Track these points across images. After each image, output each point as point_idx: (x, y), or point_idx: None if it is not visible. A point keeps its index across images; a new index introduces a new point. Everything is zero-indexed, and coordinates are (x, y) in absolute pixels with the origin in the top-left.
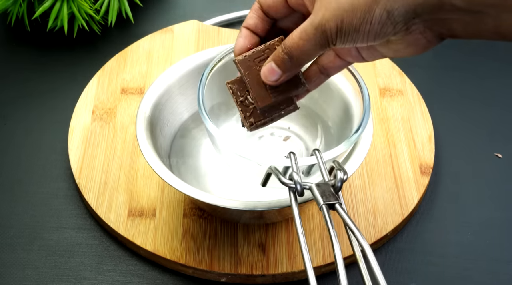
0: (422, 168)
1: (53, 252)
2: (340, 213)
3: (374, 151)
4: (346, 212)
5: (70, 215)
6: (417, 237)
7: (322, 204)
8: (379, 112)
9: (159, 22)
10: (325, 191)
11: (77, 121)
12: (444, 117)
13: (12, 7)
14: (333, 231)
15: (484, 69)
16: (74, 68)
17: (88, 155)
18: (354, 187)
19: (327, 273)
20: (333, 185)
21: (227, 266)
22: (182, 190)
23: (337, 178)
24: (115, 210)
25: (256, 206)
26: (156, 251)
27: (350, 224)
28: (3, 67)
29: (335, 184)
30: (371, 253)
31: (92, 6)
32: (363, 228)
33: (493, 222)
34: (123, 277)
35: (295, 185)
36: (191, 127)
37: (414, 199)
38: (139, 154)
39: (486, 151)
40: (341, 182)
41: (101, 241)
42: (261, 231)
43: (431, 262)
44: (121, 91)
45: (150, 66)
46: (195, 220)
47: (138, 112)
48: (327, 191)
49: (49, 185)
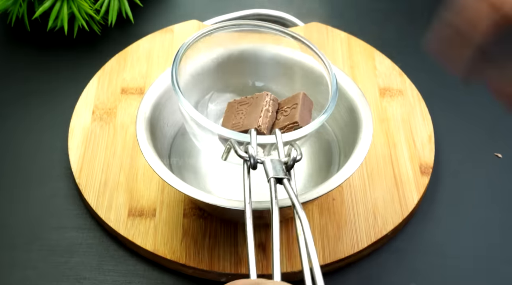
0: (422, 168)
1: (53, 252)
2: (287, 187)
3: (374, 151)
4: (292, 189)
5: (70, 215)
6: (417, 237)
7: (271, 177)
8: (379, 112)
9: (159, 22)
10: (276, 167)
11: (77, 121)
12: (444, 117)
13: (12, 7)
14: (276, 202)
15: None
16: (74, 68)
17: (88, 155)
18: (354, 187)
19: (327, 273)
20: (285, 162)
21: (227, 266)
22: (182, 190)
23: (291, 157)
24: (115, 210)
25: (256, 206)
26: (156, 251)
27: (293, 198)
28: (3, 67)
29: (288, 162)
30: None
31: (92, 6)
32: (363, 228)
33: (493, 222)
34: (123, 277)
35: (249, 158)
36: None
37: (414, 199)
38: (139, 154)
39: (486, 151)
40: (294, 161)
41: (101, 241)
42: (261, 231)
43: (431, 262)
44: (121, 91)
45: (150, 66)
46: (195, 220)
47: (138, 112)
48: (279, 167)
49: (49, 185)
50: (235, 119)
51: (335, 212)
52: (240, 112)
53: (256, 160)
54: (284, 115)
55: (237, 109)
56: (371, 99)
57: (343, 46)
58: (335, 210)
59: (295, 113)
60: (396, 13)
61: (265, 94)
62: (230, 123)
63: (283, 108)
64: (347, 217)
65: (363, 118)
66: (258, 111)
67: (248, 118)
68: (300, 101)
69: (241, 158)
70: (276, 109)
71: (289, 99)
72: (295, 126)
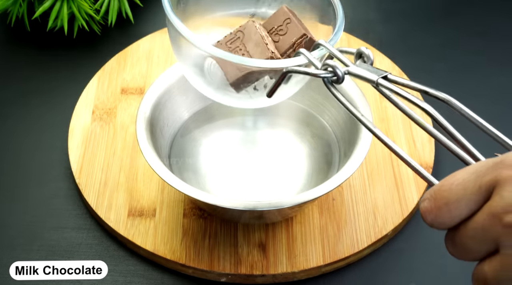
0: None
1: (53, 252)
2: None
3: (374, 151)
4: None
5: (70, 215)
6: (417, 237)
7: (377, 79)
8: (379, 112)
9: (159, 22)
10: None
11: (77, 121)
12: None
13: (12, 7)
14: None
15: (484, 69)
16: (74, 68)
17: (88, 155)
18: (354, 187)
19: (327, 273)
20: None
21: (227, 266)
22: (182, 190)
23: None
24: (115, 210)
25: (256, 206)
26: (156, 251)
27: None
28: (3, 67)
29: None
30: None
31: (92, 6)
32: (363, 228)
33: None
34: (123, 277)
35: (334, 70)
36: (191, 127)
37: (414, 199)
38: (139, 154)
39: (486, 151)
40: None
41: (101, 241)
42: (261, 231)
43: (431, 262)
44: (121, 91)
45: (150, 66)
46: (195, 220)
47: (138, 112)
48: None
49: (49, 185)
50: None
51: (335, 212)
52: (238, 49)
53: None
54: (281, 35)
55: (231, 49)
56: (371, 99)
57: (343, 46)
58: (335, 210)
59: (295, 27)
60: (396, 13)
61: (251, 22)
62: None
63: (274, 29)
64: (347, 217)
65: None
66: (258, 40)
67: (253, 51)
68: (290, 14)
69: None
70: (268, 31)
71: (273, 18)
72: (305, 39)
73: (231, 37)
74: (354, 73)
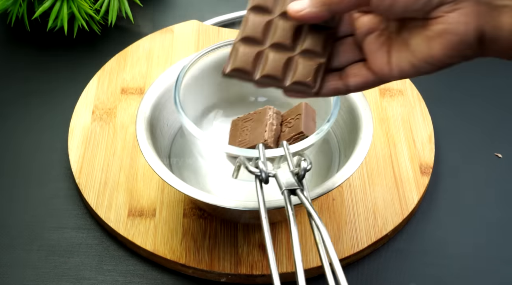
0: (422, 168)
1: (53, 252)
2: (301, 198)
3: (374, 151)
4: (307, 199)
5: (70, 215)
6: (417, 237)
7: (284, 189)
8: (379, 112)
9: (159, 22)
10: (288, 179)
11: (77, 121)
12: (444, 117)
13: (12, 7)
14: (292, 213)
15: (484, 69)
16: (74, 68)
17: (88, 155)
18: (354, 187)
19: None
20: (297, 173)
21: (227, 266)
22: (182, 190)
23: (301, 167)
24: (115, 210)
25: (256, 206)
26: (156, 251)
27: (310, 210)
28: (3, 67)
29: (299, 173)
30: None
31: (92, 6)
32: (363, 228)
33: (493, 222)
34: (123, 277)
35: (260, 173)
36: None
37: (414, 199)
38: (139, 154)
39: (486, 151)
40: (304, 171)
41: (101, 241)
42: (261, 231)
43: (431, 262)
44: (121, 91)
45: (150, 66)
46: (195, 220)
47: (138, 112)
48: (291, 179)
49: (49, 185)
50: (241, 136)
51: (335, 212)
52: (245, 129)
53: (268, 174)
54: (289, 127)
55: (242, 126)
56: (371, 99)
57: None
58: (335, 210)
59: (299, 124)
60: None
61: (267, 109)
62: (237, 140)
63: (287, 120)
64: (347, 217)
65: (363, 118)
66: (263, 126)
67: (254, 133)
68: (303, 111)
69: (253, 174)
70: (280, 122)
71: (292, 111)
72: (301, 136)
73: (248, 116)
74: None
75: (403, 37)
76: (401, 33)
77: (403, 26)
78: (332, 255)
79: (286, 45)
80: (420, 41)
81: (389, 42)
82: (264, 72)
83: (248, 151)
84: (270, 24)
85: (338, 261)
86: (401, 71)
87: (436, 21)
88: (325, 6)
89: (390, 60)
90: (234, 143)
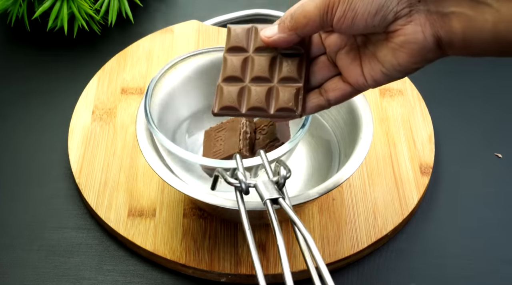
0: (422, 168)
1: (53, 252)
2: (284, 206)
3: (374, 151)
4: (290, 207)
5: (70, 215)
6: (417, 237)
7: (266, 199)
8: (379, 112)
9: (159, 22)
10: (269, 188)
11: (77, 121)
12: (444, 117)
13: (12, 7)
14: (277, 224)
15: (484, 69)
16: (74, 68)
17: (88, 155)
18: (354, 187)
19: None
20: (277, 182)
21: (227, 266)
22: (182, 190)
23: (281, 175)
24: (115, 210)
25: (256, 206)
26: (156, 251)
27: (293, 217)
28: (3, 67)
29: (279, 181)
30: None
31: (92, 6)
32: (363, 228)
33: (493, 222)
34: (123, 277)
35: (240, 184)
36: (191, 127)
37: (414, 199)
38: (139, 154)
39: (486, 151)
40: (284, 179)
41: (101, 241)
42: (261, 231)
43: (431, 262)
44: (121, 91)
45: (150, 66)
46: (195, 220)
47: (138, 112)
48: (271, 188)
49: (49, 185)
50: (215, 146)
51: (335, 212)
52: (219, 139)
53: (248, 185)
54: (263, 134)
55: (215, 137)
56: (371, 99)
57: None
58: (335, 210)
59: (273, 130)
60: None
61: (240, 119)
62: (211, 151)
63: (260, 127)
64: (347, 217)
65: (363, 118)
66: (237, 134)
67: (228, 143)
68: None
69: (232, 186)
70: (254, 129)
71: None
72: (276, 143)
73: (221, 126)
74: (257, 189)
75: (370, 51)
76: (368, 46)
77: (368, 41)
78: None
79: (265, 77)
80: (386, 53)
81: (359, 56)
82: (249, 105)
83: (225, 162)
84: (246, 61)
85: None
86: (374, 81)
87: (396, 34)
88: (293, 30)
89: (363, 71)
90: (209, 154)
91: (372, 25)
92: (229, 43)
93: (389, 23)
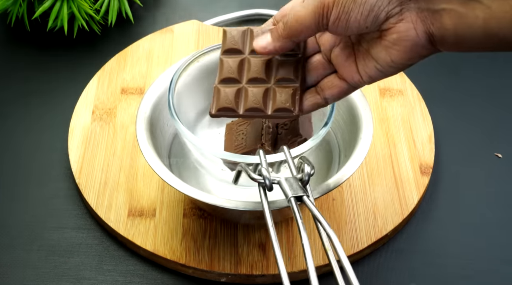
0: (422, 168)
1: (53, 252)
2: (308, 205)
3: (374, 151)
4: (314, 204)
5: (70, 215)
6: (417, 237)
7: (290, 196)
8: (379, 112)
9: (159, 22)
10: (293, 185)
11: (77, 121)
12: (444, 117)
13: (12, 7)
14: (301, 222)
15: (484, 69)
16: (74, 68)
17: (88, 155)
18: (354, 187)
19: (327, 273)
20: (301, 179)
21: (227, 266)
22: (182, 190)
23: (305, 172)
24: (115, 210)
25: (256, 206)
26: (156, 251)
27: (317, 215)
28: (3, 67)
29: (303, 178)
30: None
31: (92, 6)
32: (363, 228)
33: (493, 222)
34: (123, 277)
35: (264, 180)
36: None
37: (414, 199)
38: (139, 154)
39: (486, 151)
40: (308, 176)
41: (101, 241)
42: (261, 231)
43: (431, 262)
44: (121, 91)
45: (150, 66)
46: (195, 220)
47: (138, 112)
48: (295, 185)
49: (49, 185)
50: (237, 140)
51: (335, 212)
52: (241, 133)
53: (272, 181)
54: (285, 129)
55: (237, 130)
56: (371, 99)
57: None
58: (335, 210)
59: (296, 126)
60: None
61: None
62: (233, 145)
63: (283, 122)
64: (347, 217)
65: (363, 118)
66: (259, 129)
67: (250, 137)
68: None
69: (255, 182)
70: (276, 124)
71: None
72: (298, 139)
73: (243, 120)
74: (281, 186)
75: (364, 48)
76: (362, 44)
77: (362, 38)
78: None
79: (261, 78)
80: (380, 50)
81: (354, 53)
82: (247, 106)
83: (248, 157)
84: (243, 62)
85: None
86: (369, 77)
87: (389, 32)
88: (288, 38)
89: (358, 68)
90: (231, 148)
91: (365, 26)
92: (225, 45)
93: (381, 23)
